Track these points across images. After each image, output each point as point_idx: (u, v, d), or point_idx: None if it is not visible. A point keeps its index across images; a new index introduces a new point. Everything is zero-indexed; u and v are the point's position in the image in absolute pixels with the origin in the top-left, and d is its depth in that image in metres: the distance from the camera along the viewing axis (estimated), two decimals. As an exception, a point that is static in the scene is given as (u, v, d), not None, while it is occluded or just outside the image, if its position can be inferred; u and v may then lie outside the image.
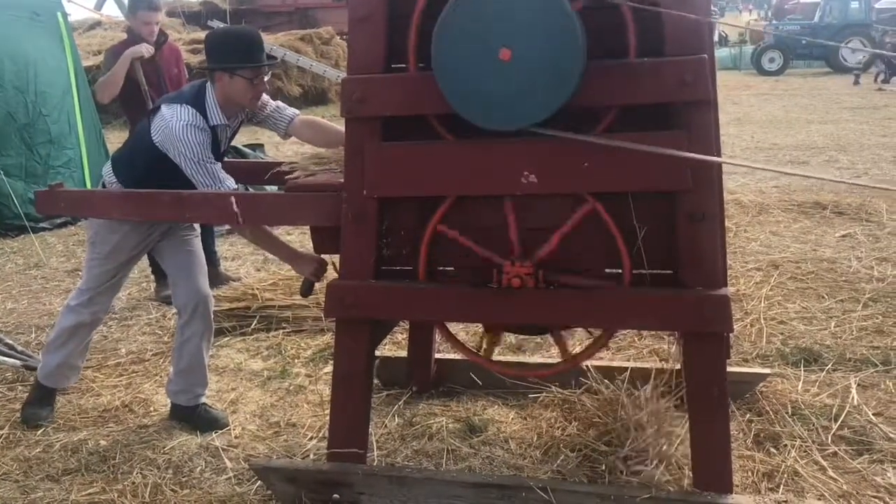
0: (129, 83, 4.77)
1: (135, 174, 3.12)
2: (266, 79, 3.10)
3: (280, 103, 3.34)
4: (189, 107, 2.99)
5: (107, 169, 3.25)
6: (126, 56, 4.73)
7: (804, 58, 24.08)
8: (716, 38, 23.36)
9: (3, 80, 7.16)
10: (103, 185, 3.24)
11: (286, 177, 2.91)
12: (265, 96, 3.20)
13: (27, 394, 3.58)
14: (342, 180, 2.66)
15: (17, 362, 3.94)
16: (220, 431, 3.30)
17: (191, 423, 3.35)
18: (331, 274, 2.93)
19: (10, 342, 4.18)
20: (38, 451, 3.19)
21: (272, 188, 3.48)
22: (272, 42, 16.43)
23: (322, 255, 3.00)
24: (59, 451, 3.18)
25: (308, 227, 3.01)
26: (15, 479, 2.99)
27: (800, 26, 23.83)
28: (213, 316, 3.38)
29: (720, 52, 24.99)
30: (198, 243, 3.41)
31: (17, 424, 3.41)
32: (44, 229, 6.93)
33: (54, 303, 5.10)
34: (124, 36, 5.34)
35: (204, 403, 3.40)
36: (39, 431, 3.34)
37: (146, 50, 4.81)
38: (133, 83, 4.78)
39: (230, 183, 2.99)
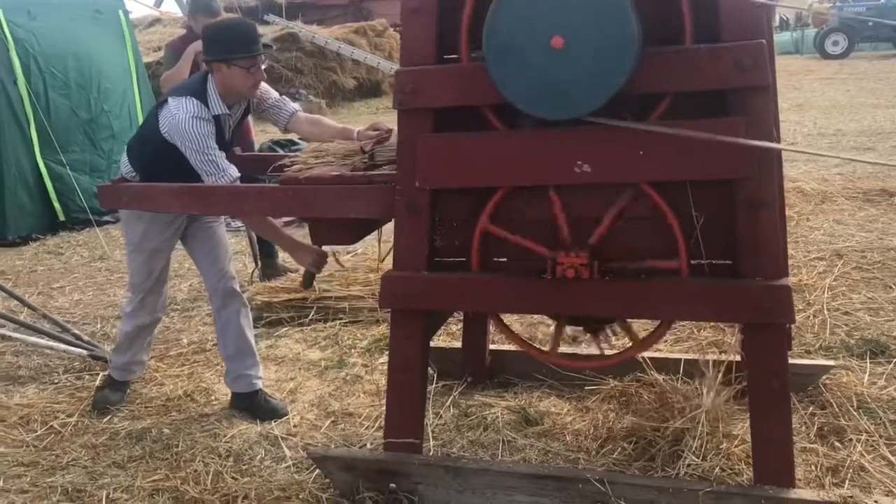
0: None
1: (145, 159, 3.25)
2: (263, 67, 3.19)
3: (284, 97, 3.46)
4: (193, 98, 3.10)
5: (123, 157, 3.37)
6: (190, 51, 4.88)
7: (871, 40, 23.24)
8: (776, 22, 22.70)
9: (67, 78, 7.37)
10: (121, 175, 3.34)
11: (284, 170, 2.96)
12: (266, 86, 3.32)
13: (97, 382, 3.72)
14: (336, 173, 2.70)
15: (84, 352, 4.07)
16: (280, 420, 3.35)
17: (251, 411, 3.41)
18: (332, 265, 2.94)
19: (77, 332, 4.32)
20: (104, 438, 3.29)
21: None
22: (327, 35, 16.59)
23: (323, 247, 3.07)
24: (125, 438, 3.28)
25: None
26: (84, 465, 3.09)
27: (866, 7, 23.01)
28: (245, 295, 3.46)
29: (781, 37, 24.27)
30: (222, 230, 3.52)
31: (85, 412, 3.52)
32: (107, 223, 7.12)
33: (118, 294, 5.25)
34: (183, 31, 5.45)
35: (263, 390, 3.46)
36: (106, 419, 3.45)
37: None
38: None
39: (232, 171, 3.09)
